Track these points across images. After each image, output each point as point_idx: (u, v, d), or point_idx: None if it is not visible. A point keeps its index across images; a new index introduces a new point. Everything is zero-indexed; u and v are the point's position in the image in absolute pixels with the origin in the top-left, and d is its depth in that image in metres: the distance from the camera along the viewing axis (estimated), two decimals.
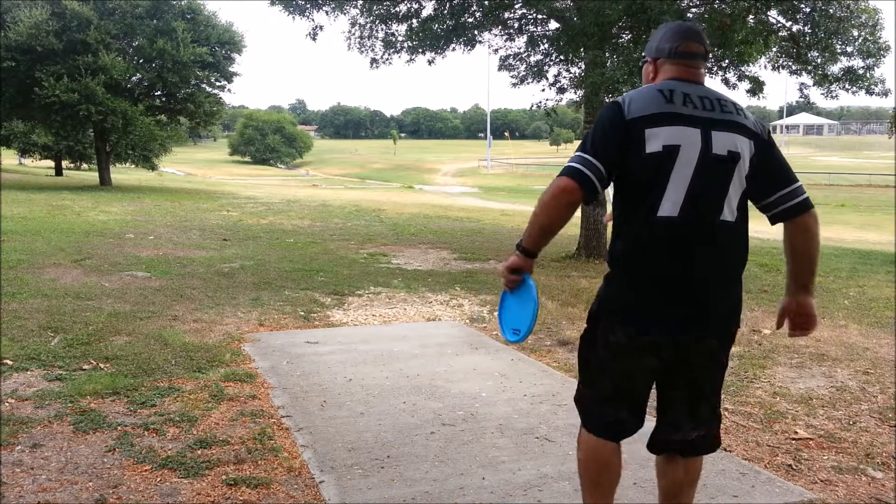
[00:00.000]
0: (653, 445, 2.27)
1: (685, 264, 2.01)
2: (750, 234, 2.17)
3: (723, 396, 3.99)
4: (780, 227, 2.16)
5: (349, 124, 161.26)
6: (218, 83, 23.80)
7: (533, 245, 2.11)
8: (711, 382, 2.18)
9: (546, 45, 10.86)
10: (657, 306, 2.04)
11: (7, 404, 3.57)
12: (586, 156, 2.02)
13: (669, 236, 2.00)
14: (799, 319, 2.20)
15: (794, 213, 2.09)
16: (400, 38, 10.73)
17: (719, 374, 2.19)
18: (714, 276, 2.05)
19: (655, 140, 1.98)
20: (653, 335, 2.06)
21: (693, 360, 2.11)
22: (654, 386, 2.21)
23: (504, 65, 11.50)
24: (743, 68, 9.93)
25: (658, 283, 2.03)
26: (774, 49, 9.96)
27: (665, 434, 2.21)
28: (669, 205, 1.99)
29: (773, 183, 2.09)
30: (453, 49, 10.70)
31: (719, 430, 2.26)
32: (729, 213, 2.04)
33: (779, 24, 9.66)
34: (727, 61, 9.71)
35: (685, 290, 2.03)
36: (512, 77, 11.45)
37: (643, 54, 2.25)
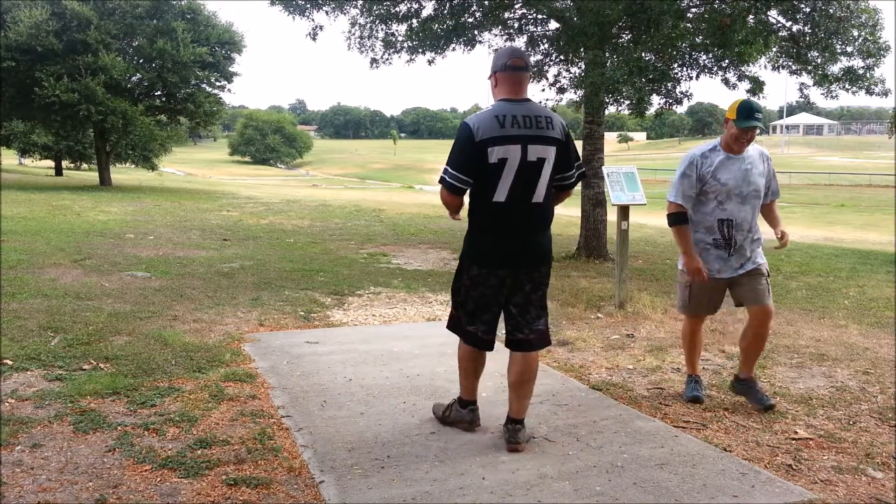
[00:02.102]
0: (507, 343, 3.33)
1: (512, 228, 3.17)
2: None
3: (720, 392, 4.04)
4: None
5: (349, 124, 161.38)
6: (218, 83, 23.79)
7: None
8: (536, 297, 3.28)
9: (546, 45, 10.86)
10: (497, 252, 3.19)
11: (7, 404, 3.57)
12: (456, 172, 3.13)
13: (502, 212, 3.15)
14: None
15: (569, 186, 3.34)
16: (400, 38, 10.72)
17: (541, 290, 3.31)
18: (530, 233, 3.21)
19: (494, 155, 3.08)
20: (496, 269, 3.20)
21: (523, 283, 3.24)
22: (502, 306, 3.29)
23: None
24: (743, 68, 9.91)
25: (497, 239, 3.18)
26: (774, 49, 9.93)
27: (512, 335, 3.29)
28: (501, 193, 3.12)
29: (563, 169, 3.25)
30: (453, 49, 10.69)
31: (547, 332, 3.34)
32: (539, 197, 3.18)
33: (779, 24, 9.65)
34: (727, 61, 9.69)
35: (514, 242, 3.18)
36: None
37: (491, 70, 3.26)
